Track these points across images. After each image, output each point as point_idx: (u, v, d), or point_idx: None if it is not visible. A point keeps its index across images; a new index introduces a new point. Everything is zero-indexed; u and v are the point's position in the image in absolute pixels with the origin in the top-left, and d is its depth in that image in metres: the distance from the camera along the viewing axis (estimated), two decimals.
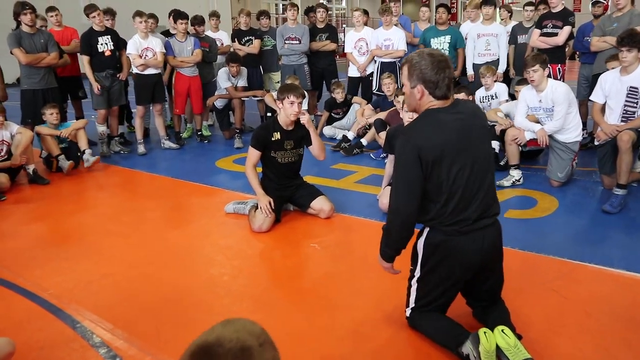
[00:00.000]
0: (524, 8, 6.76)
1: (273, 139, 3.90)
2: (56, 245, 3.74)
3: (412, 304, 2.41)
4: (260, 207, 3.79)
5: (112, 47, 6.05)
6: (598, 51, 5.47)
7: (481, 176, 2.20)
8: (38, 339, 2.49)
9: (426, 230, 2.28)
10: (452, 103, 2.24)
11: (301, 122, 3.92)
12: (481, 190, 2.20)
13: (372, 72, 7.07)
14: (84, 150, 5.52)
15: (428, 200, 2.19)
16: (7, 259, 3.43)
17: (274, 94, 5.42)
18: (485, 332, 2.11)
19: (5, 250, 3.59)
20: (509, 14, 7.51)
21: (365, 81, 7.10)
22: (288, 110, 3.83)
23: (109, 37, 6.05)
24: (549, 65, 4.65)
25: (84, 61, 6.03)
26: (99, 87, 5.96)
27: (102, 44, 5.99)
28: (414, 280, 2.39)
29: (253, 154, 3.94)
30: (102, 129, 6.20)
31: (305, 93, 4.31)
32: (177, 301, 2.84)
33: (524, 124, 4.66)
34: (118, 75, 6.18)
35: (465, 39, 6.63)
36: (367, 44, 6.93)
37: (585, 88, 5.86)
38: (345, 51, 7.09)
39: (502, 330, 2.12)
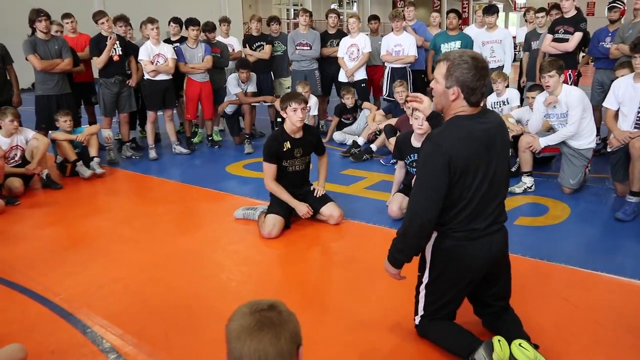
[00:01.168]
0: (534, 14, 6.73)
1: (284, 149, 3.92)
2: (67, 250, 3.78)
3: (421, 312, 2.41)
4: (303, 215, 3.94)
5: (121, 52, 6.11)
6: (616, 59, 5.42)
7: (498, 187, 2.20)
8: (49, 343, 2.52)
9: (434, 235, 2.27)
10: (481, 111, 2.20)
11: (319, 194, 4.09)
12: (495, 202, 2.20)
13: (364, 79, 7.05)
14: (92, 158, 5.59)
15: (443, 206, 2.16)
16: (19, 263, 3.48)
17: None
18: (499, 340, 2.09)
19: (18, 254, 3.63)
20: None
21: (357, 87, 7.07)
22: (293, 118, 3.85)
23: (117, 41, 6.10)
24: None
25: (95, 59, 6.09)
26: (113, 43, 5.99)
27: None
28: (422, 287, 2.38)
29: (270, 169, 3.94)
30: (107, 133, 6.25)
31: (310, 98, 4.30)
32: (185, 306, 2.86)
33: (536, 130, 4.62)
34: (128, 82, 6.24)
35: None
36: (359, 50, 6.91)
37: (599, 93, 5.80)
38: (337, 56, 7.07)
39: (520, 345, 2.10)
